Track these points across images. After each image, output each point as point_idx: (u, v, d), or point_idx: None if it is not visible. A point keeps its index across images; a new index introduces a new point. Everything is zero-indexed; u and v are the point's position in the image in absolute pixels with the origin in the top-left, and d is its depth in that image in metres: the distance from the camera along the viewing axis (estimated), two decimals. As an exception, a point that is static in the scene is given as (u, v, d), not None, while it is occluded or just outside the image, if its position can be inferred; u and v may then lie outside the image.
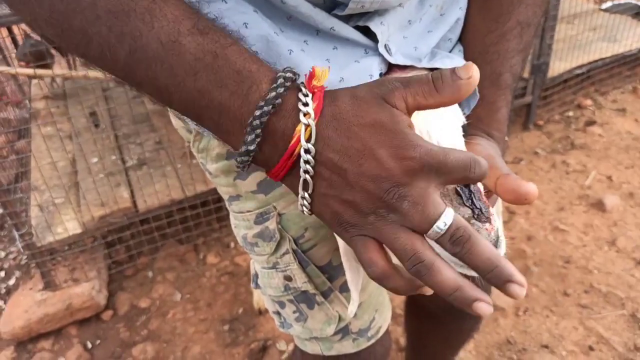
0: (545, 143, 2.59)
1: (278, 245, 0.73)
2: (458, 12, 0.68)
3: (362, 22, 0.59)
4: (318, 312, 0.78)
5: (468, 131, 0.63)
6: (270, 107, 0.42)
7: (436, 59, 0.64)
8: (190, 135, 0.73)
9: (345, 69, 0.58)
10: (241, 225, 0.76)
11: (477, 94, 0.66)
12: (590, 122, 2.69)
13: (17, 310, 1.79)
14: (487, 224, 0.47)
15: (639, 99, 2.84)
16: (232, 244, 2.14)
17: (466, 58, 0.68)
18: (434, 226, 0.41)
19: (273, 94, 0.42)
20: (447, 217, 0.41)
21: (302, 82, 0.45)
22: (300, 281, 0.74)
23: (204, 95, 0.43)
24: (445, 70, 0.44)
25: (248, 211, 0.73)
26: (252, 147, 0.43)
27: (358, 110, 0.43)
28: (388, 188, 0.41)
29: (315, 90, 0.44)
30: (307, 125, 0.42)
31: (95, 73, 1.91)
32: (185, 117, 0.48)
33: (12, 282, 2.08)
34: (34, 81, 2.36)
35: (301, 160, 0.43)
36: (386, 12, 0.60)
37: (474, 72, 0.43)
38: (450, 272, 0.42)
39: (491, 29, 0.66)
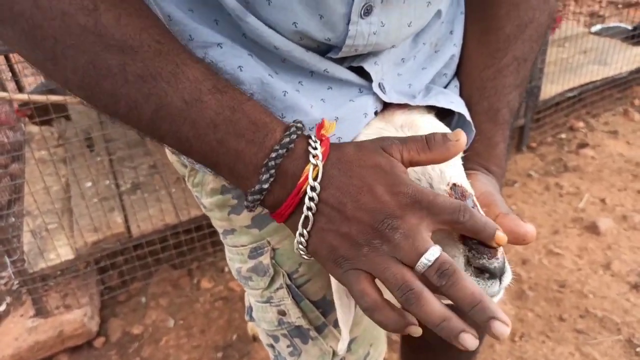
0: (538, 165, 2.60)
1: (272, 280, 0.72)
2: (453, 49, 0.69)
3: (355, 63, 0.60)
4: (312, 347, 0.77)
5: (466, 166, 0.63)
6: (285, 150, 0.48)
7: (430, 95, 0.65)
8: (185, 169, 0.73)
9: (340, 108, 0.58)
10: (235, 259, 0.76)
11: (474, 129, 0.66)
12: (583, 145, 2.71)
13: (7, 337, 1.76)
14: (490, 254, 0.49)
15: (630, 121, 2.87)
16: (227, 269, 2.13)
17: (463, 93, 0.69)
18: (422, 258, 0.44)
19: (287, 139, 0.48)
20: (435, 251, 0.44)
21: (310, 132, 0.51)
22: (294, 316, 0.74)
23: (223, 144, 0.48)
24: (438, 133, 0.50)
25: (242, 245, 0.73)
26: (265, 186, 0.48)
27: (360, 155, 0.49)
28: (382, 219, 0.45)
29: (323, 138, 0.50)
30: (315, 166, 0.47)
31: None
32: (186, 158, 0.52)
33: (2, 308, 2.05)
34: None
35: (306, 197, 0.47)
36: (380, 52, 0.61)
37: (462, 136, 0.49)
38: (438, 303, 0.44)
39: (488, 65, 0.67)
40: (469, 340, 0.43)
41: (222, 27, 0.55)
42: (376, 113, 0.61)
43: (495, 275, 0.49)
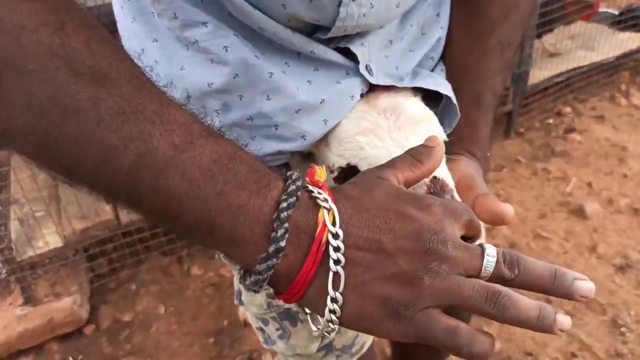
0: (526, 151, 2.62)
1: None
2: (439, 32, 0.69)
3: (342, 44, 0.59)
4: (301, 329, 0.77)
5: (451, 150, 0.64)
6: (294, 199, 0.40)
7: (418, 78, 0.65)
8: None
9: (327, 90, 0.58)
10: None
11: (458, 112, 0.66)
12: (570, 130, 2.73)
13: (-3, 326, 1.76)
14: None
15: (616, 106, 2.89)
16: (217, 255, 2.12)
17: (448, 76, 0.69)
18: (486, 256, 0.40)
19: (293, 187, 0.41)
20: (491, 248, 0.41)
21: (306, 182, 0.44)
22: None
23: (222, 198, 0.39)
24: (417, 146, 0.48)
25: None
26: (282, 244, 0.39)
27: (362, 190, 0.43)
28: (429, 237, 0.40)
29: (320, 185, 0.43)
30: (329, 209, 0.41)
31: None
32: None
33: (-9, 297, 2.04)
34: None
35: (330, 248, 0.40)
36: (367, 34, 0.60)
37: (438, 139, 0.48)
38: (525, 297, 0.40)
39: (472, 49, 0.67)
40: (566, 320, 0.40)
41: (207, 5, 0.54)
42: (362, 95, 0.61)
43: None
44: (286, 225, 0.39)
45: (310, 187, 0.43)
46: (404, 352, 1.30)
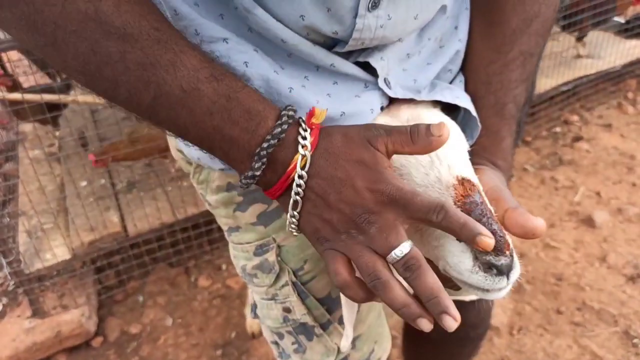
0: (533, 159, 2.61)
1: (277, 277, 0.72)
2: (457, 44, 0.68)
3: (362, 58, 0.60)
4: (317, 343, 0.77)
5: (474, 161, 0.64)
6: (276, 140, 0.50)
7: (436, 91, 0.65)
8: (190, 167, 0.73)
9: (347, 103, 0.58)
10: (240, 256, 0.75)
11: (479, 124, 0.66)
12: (577, 138, 2.72)
13: (5, 339, 1.75)
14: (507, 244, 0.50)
15: (623, 114, 2.88)
16: (224, 266, 2.12)
17: (469, 88, 0.69)
18: (393, 252, 0.48)
19: (278, 129, 0.50)
20: (405, 247, 0.48)
21: (302, 118, 0.52)
22: (299, 313, 0.74)
23: (218, 131, 0.50)
24: (422, 125, 0.51)
25: (247, 242, 0.73)
26: (257, 173, 0.51)
27: (347, 147, 0.50)
28: (360, 213, 0.49)
29: (313, 126, 0.51)
30: (304, 156, 0.50)
31: (85, 98, 1.90)
32: (189, 144, 0.54)
33: (-2, 309, 2.04)
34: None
35: (294, 184, 0.50)
36: (385, 47, 0.61)
37: (445, 131, 0.50)
38: (401, 291, 0.49)
39: (494, 59, 0.66)
40: (424, 323, 0.49)
41: (227, 21, 0.55)
42: (382, 109, 0.61)
43: (502, 272, 0.50)
44: (264, 160, 0.50)
45: (302, 129, 0.51)
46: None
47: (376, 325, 0.82)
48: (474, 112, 0.66)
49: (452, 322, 0.47)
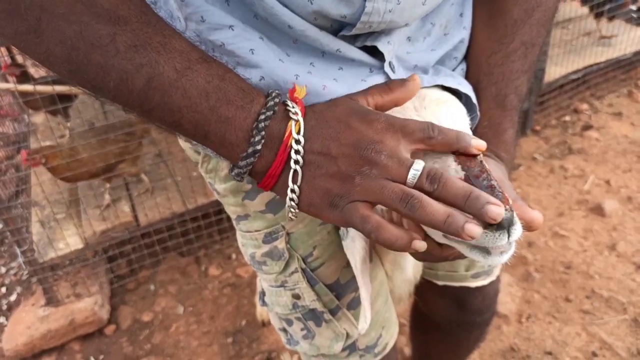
0: (543, 148, 2.60)
1: (287, 264, 0.73)
2: (462, 32, 0.69)
3: (369, 42, 0.60)
4: (326, 329, 0.78)
5: None
6: (271, 112, 0.50)
7: (439, 76, 0.65)
8: (198, 156, 0.73)
9: (353, 87, 0.59)
10: (249, 244, 0.76)
11: (478, 112, 0.67)
12: (587, 127, 2.71)
13: (20, 326, 1.79)
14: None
15: (634, 102, 2.86)
16: (234, 256, 2.14)
17: (471, 78, 0.69)
18: (411, 169, 0.47)
19: (271, 102, 0.51)
20: (420, 162, 0.48)
21: (286, 96, 0.53)
22: (309, 299, 0.75)
23: (214, 112, 0.49)
24: (395, 79, 0.56)
25: (256, 230, 0.73)
26: (258, 147, 0.50)
27: (332, 105, 0.53)
28: (365, 146, 0.48)
29: (297, 100, 0.53)
30: (297, 121, 0.50)
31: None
32: (181, 136, 0.53)
33: (13, 298, 2.08)
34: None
35: (292, 151, 0.50)
36: (392, 32, 0.61)
37: (417, 77, 0.55)
38: (439, 204, 0.46)
39: (495, 50, 0.67)
40: (475, 228, 0.44)
41: (233, 8, 0.55)
42: None
43: (502, 226, 0.46)
44: (262, 133, 0.50)
45: (288, 102, 0.52)
46: (423, 353, 1.30)
47: (383, 311, 0.83)
48: (474, 99, 0.66)
49: (498, 209, 0.44)
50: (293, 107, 0.51)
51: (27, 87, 1.87)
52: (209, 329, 1.85)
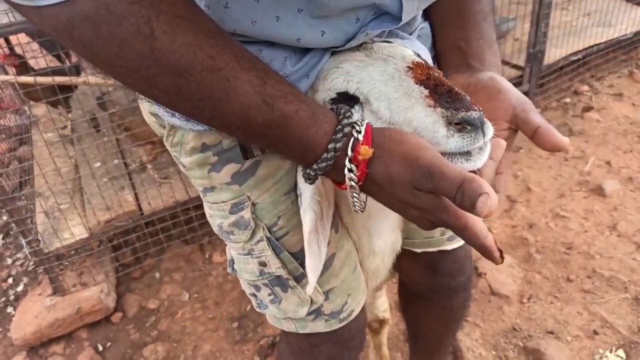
0: (543, 130, 2.60)
1: (253, 233, 0.77)
2: None
3: None
4: (291, 295, 0.82)
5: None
6: (325, 164, 0.59)
7: (405, 41, 0.72)
8: (163, 130, 0.75)
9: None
10: (216, 215, 0.79)
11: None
12: (588, 108, 2.71)
13: (27, 316, 1.81)
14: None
15: (635, 83, 2.85)
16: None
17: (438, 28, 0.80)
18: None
19: (332, 145, 0.58)
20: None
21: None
22: (274, 266, 0.79)
23: (274, 147, 0.60)
24: (474, 190, 0.53)
25: (223, 202, 0.76)
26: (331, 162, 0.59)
27: (388, 183, 0.58)
28: (412, 210, 0.60)
29: (359, 161, 0.58)
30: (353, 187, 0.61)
31: (95, 79, 1.92)
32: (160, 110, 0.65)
33: (20, 288, 2.10)
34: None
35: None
36: None
37: (493, 208, 0.54)
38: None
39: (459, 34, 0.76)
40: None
41: None
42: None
43: (476, 125, 0.55)
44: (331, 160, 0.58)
45: (348, 168, 0.58)
46: (413, 326, 1.31)
47: (350, 280, 0.86)
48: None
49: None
50: (351, 170, 0.58)
51: (27, 79, 1.87)
52: (214, 315, 1.88)
